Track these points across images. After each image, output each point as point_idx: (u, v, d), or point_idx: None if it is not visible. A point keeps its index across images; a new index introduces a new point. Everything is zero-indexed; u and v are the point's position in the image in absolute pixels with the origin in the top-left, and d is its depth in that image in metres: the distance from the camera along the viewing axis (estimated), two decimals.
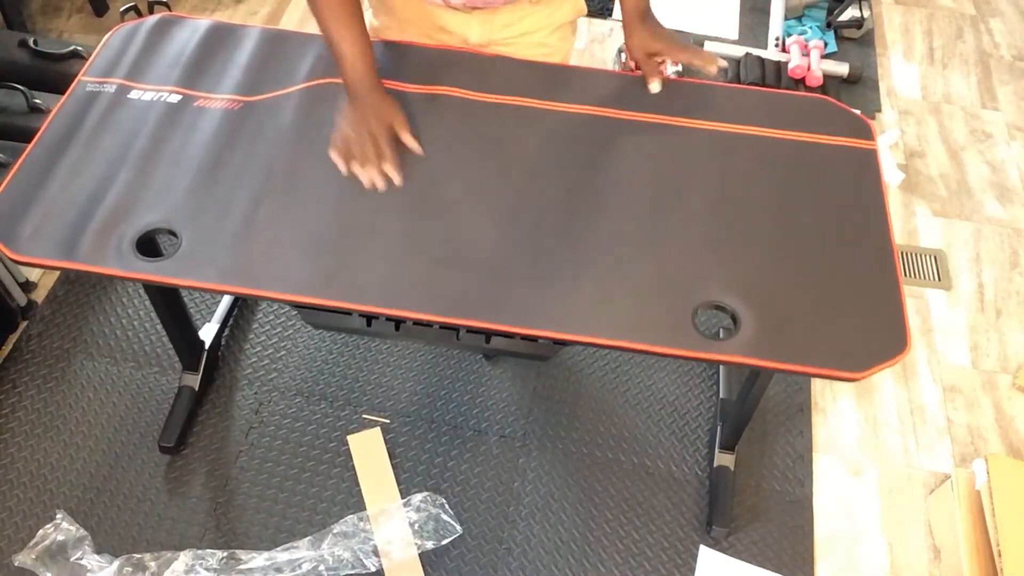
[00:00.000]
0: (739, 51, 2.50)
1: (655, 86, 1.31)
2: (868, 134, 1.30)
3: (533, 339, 1.11)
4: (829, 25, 2.60)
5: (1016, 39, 2.68)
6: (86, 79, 1.31)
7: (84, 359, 1.78)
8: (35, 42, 2.07)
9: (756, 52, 2.48)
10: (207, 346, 1.74)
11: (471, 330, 1.10)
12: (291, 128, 1.26)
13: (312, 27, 1.21)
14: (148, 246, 1.12)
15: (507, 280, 1.10)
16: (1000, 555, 1.43)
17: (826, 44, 2.55)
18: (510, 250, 1.13)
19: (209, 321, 1.81)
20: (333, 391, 1.76)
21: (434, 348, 1.83)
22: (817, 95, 1.37)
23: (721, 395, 1.74)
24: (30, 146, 1.21)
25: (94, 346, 1.81)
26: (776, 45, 2.52)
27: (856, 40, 2.62)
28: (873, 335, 1.07)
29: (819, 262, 1.14)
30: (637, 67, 1.34)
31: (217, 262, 1.10)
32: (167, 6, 1.50)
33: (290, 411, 1.72)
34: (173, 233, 1.13)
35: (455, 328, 1.19)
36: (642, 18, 1.30)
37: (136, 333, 1.83)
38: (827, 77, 2.43)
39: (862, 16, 2.56)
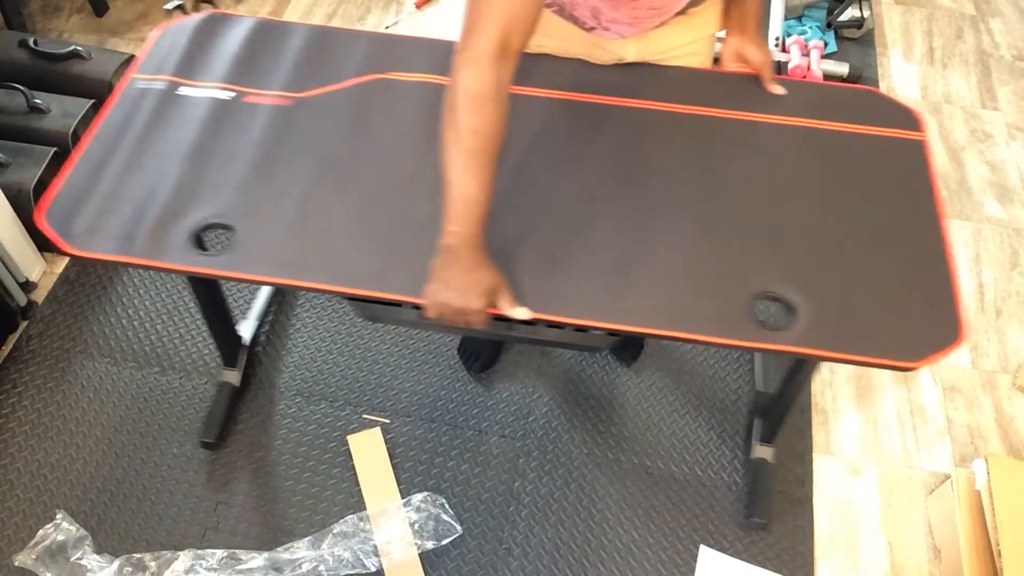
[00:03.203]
0: None
1: (778, 88, 1.33)
2: (916, 125, 1.31)
3: (584, 330, 1.11)
4: (829, 25, 2.60)
5: (1016, 39, 2.68)
6: (137, 76, 1.32)
7: (84, 359, 1.78)
8: (35, 42, 2.07)
9: None
10: (246, 342, 1.75)
11: (525, 321, 1.11)
12: (343, 123, 1.26)
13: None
14: (203, 240, 1.14)
15: (562, 271, 1.11)
16: (1000, 555, 1.43)
17: (826, 44, 2.55)
18: (565, 241, 1.14)
19: (246, 319, 1.82)
20: (333, 391, 1.76)
21: (435, 348, 1.83)
22: (865, 87, 1.37)
23: (757, 388, 1.74)
24: (85, 142, 1.22)
25: (94, 346, 1.81)
26: (776, 45, 2.51)
27: (856, 40, 2.62)
28: (927, 325, 1.07)
29: (872, 252, 1.14)
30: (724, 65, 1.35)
31: (272, 255, 1.11)
32: (212, 3, 1.49)
33: (290, 411, 1.72)
34: (228, 227, 1.14)
35: (508, 319, 1.19)
36: (748, 30, 1.33)
37: (136, 333, 1.83)
38: (827, 77, 2.43)
39: (862, 16, 2.56)
